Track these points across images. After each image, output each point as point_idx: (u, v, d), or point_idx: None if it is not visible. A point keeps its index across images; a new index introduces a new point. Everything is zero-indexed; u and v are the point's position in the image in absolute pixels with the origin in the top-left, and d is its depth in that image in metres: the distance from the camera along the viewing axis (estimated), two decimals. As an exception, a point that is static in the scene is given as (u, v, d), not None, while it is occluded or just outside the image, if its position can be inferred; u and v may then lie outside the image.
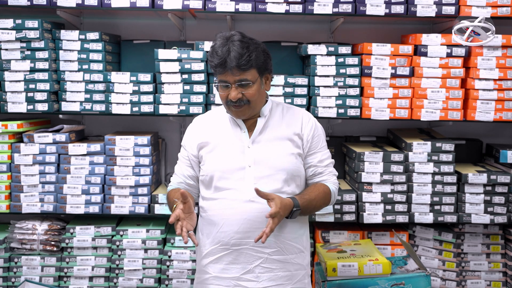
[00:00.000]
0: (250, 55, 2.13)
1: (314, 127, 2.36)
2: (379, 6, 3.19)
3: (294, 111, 2.38)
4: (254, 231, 2.17)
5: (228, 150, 2.25)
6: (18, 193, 3.27)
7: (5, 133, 3.25)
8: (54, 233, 3.32)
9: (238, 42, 2.13)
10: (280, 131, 2.29)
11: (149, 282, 3.31)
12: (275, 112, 2.34)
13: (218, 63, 2.13)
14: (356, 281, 2.73)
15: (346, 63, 3.22)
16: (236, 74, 2.14)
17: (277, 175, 2.23)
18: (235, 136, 2.28)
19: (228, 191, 2.23)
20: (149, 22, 3.66)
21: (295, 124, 2.32)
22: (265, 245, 2.18)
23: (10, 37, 3.15)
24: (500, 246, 3.39)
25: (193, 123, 2.42)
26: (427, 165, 3.24)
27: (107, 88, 3.23)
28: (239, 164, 2.22)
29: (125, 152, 3.26)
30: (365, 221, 3.23)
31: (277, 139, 2.27)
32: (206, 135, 2.31)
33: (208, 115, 2.45)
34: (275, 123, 2.30)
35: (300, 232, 2.32)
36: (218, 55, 2.13)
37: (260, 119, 2.29)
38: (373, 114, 3.24)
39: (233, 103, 2.18)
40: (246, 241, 2.20)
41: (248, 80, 2.16)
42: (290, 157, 2.26)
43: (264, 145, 2.25)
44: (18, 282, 3.26)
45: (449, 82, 3.23)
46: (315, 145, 2.35)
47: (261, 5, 3.18)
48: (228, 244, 2.21)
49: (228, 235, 2.21)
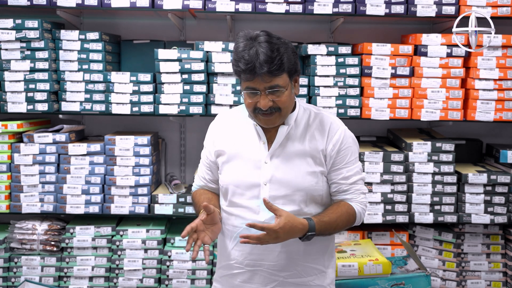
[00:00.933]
0: (281, 58, 1.87)
1: (341, 141, 2.04)
2: (379, 6, 3.19)
3: (322, 120, 2.06)
4: (268, 254, 2.00)
5: (244, 164, 2.02)
6: (18, 193, 3.27)
7: (5, 133, 3.25)
8: (54, 233, 3.31)
9: (265, 44, 1.87)
10: (302, 145, 2.01)
11: (149, 282, 3.31)
12: (301, 120, 2.04)
13: (246, 68, 1.86)
14: (356, 281, 2.73)
15: (346, 63, 3.22)
16: (266, 80, 1.87)
17: (294, 195, 1.99)
18: (252, 147, 2.02)
19: (242, 209, 2.02)
20: (149, 22, 3.66)
21: (319, 138, 2.03)
22: (281, 268, 2.02)
23: (10, 37, 3.15)
24: (500, 246, 3.39)
25: (215, 123, 2.16)
26: (427, 165, 3.24)
27: (107, 88, 3.23)
28: (254, 180, 1.99)
29: (125, 152, 3.25)
30: (365, 221, 3.23)
31: (298, 155, 2.00)
32: (224, 141, 2.07)
33: (231, 115, 2.15)
34: (298, 134, 2.02)
35: (321, 253, 2.09)
36: (245, 59, 1.86)
37: (282, 128, 2.00)
38: (373, 114, 3.24)
39: (263, 111, 1.93)
40: (260, 263, 2.02)
41: (281, 86, 1.90)
42: (310, 177, 2.00)
43: (283, 161, 2.00)
44: (18, 282, 3.26)
45: (449, 82, 3.23)
46: (340, 160, 2.04)
47: (261, 5, 3.18)
48: (242, 264, 2.05)
49: (242, 254, 2.04)
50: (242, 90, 1.96)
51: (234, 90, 3.21)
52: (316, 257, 2.06)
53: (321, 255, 2.08)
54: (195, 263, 3.29)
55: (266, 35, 1.91)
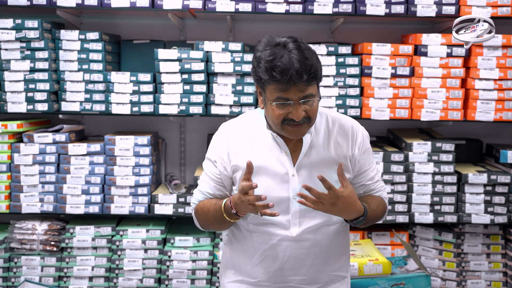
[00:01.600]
0: (315, 66, 1.77)
1: (363, 142, 1.98)
2: (379, 6, 3.19)
3: (342, 124, 1.98)
4: (299, 269, 1.92)
5: (269, 178, 1.89)
6: (18, 193, 3.27)
7: (5, 133, 3.25)
8: (54, 233, 3.31)
9: (297, 51, 1.75)
10: (328, 153, 1.92)
11: (149, 282, 3.30)
12: (320, 125, 1.94)
13: (282, 78, 1.72)
14: (356, 281, 2.73)
15: (346, 63, 3.22)
16: (302, 89, 1.75)
17: None
18: (275, 159, 1.89)
19: (269, 226, 1.91)
20: (149, 22, 3.66)
21: (344, 143, 1.94)
22: (312, 281, 1.95)
23: (10, 37, 3.15)
24: (500, 246, 3.38)
25: (225, 135, 1.98)
26: (427, 165, 3.24)
27: (107, 88, 3.23)
28: (282, 195, 1.88)
29: (125, 152, 3.25)
30: (365, 221, 3.23)
31: (325, 163, 1.90)
32: (241, 155, 1.91)
33: (241, 125, 1.98)
34: (320, 142, 1.92)
35: (343, 259, 2.05)
36: (280, 68, 1.72)
37: (305, 137, 1.89)
38: (373, 114, 3.24)
39: (295, 122, 1.80)
40: (290, 278, 1.94)
41: (313, 95, 1.79)
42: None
43: (310, 172, 1.89)
44: (18, 282, 3.26)
45: (449, 82, 3.23)
46: (364, 162, 1.98)
47: (261, 5, 3.18)
48: (270, 281, 1.95)
49: (269, 271, 1.94)
50: (269, 101, 1.80)
51: (234, 90, 3.21)
52: (341, 264, 2.03)
53: (344, 261, 2.05)
54: (195, 263, 3.29)
55: (294, 41, 1.79)
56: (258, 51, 1.81)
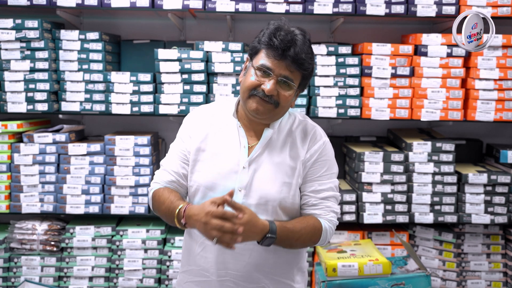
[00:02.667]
0: (311, 57, 1.84)
1: (320, 152, 1.94)
2: (379, 6, 3.19)
3: (306, 128, 1.98)
4: (235, 263, 1.89)
5: (221, 166, 1.89)
6: (18, 193, 3.27)
7: (5, 133, 3.25)
8: (54, 233, 3.31)
9: (301, 37, 1.82)
10: (283, 154, 1.91)
11: (149, 282, 3.30)
12: (284, 126, 1.96)
13: (279, 45, 1.78)
14: (356, 281, 2.73)
15: (346, 63, 3.22)
16: (289, 67, 1.80)
17: (266, 205, 1.87)
18: (232, 149, 1.91)
19: None
20: (149, 22, 3.66)
21: (300, 146, 1.94)
22: (248, 280, 1.90)
23: (10, 37, 3.15)
24: (500, 246, 3.38)
25: (196, 116, 2.01)
26: (427, 165, 3.24)
27: (107, 88, 3.23)
28: (229, 185, 1.86)
29: (125, 152, 3.25)
30: (365, 221, 3.23)
31: (277, 163, 1.90)
32: (204, 138, 1.94)
33: (213, 110, 2.01)
34: (279, 142, 1.93)
35: (291, 267, 1.98)
36: (282, 35, 1.79)
37: (266, 132, 1.91)
38: (373, 114, 3.24)
39: (263, 94, 1.82)
40: (226, 272, 1.90)
41: (293, 82, 1.83)
42: (286, 188, 1.89)
43: (261, 168, 1.89)
44: (18, 282, 3.25)
45: (449, 82, 3.23)
46: (314, 171, 1.93)
47: (261, 5, 3.18)
48: (209, 272, 1.93)
49: (209, 262, 1.92)
50: (252, 66, 1.84)
51: (234, 90, 3.21)
52: (285, 271, 1.95)
53: (290, 269, 1.97)
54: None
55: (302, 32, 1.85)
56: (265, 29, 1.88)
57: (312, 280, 3.31)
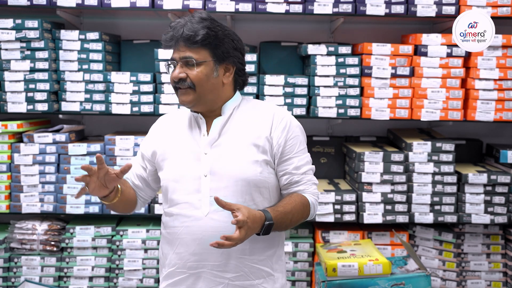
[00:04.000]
0: (206, 32, 1.84)
1: (288, 128, 1.95)
2: (379, 6, 3.19)
3: (265, 109, 1.99)
4: (211, 253, 1.86)
5: (183, 157, 1.93)
6: (18, 193, 3.27)
7: (5, 133, 3.25)
8: (54, 233, 3.31)
9: (197, 19, 1.86)
10: (244, 133, 1.92)
11: (149, 282, 3.31)
12: (242, 110, 1.98)
13: (168, 36, 1.87)
14: (356, 281, 2.73)
15: (346, 63, 3.22)
16: (182, 49, 1.86)
17: (236, 186, 1.87)
18: (192, 140, 1.94)
19: (182, 205, 1.91)
20: (149, 22, 3.66)
21: (263, 124, 1.94)
22: (226, 269, 1.88)
23: (10, 37, 3.15)
24: (500, 246, 3.38)
25: (157, 123, 2.11)
26: (427, 165, 3.24)
27: (107, 88, 3.23)
28: (194, 173, 1.89)
29: (125, 152, 3.26)
30: (365, 221, 3.23)
31: (240, 143, 1.91)
32: (164, 138, 2.00)
33: (173, 114, 2.10)
34: (239, 123, 1.94)
35: (268, 253, 1.96)
36: (171, 27, 1.88)
37: (218, 118, 1.94)
38: (373, 114, 3.24)
39: (176, 83, 1.88)
40: (203, 263, 1.88)
41: (193, 58, 1.85)
42: (253, 166, 1.89)
43: (224, 151, 1.90)
44: (18, 282, 3.26)
45: (449, 82, 3.23)
46: (289, 149, 1.94)
47: (261, 5, 3.18)
48: (185, 267, 1.91)
49: (183, 257, 1.91)
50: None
51: (234, 90, 3.21)
52: (262, 258, 1.94)
53: (268, 256, 1.96)
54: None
55: (205, 13, 1.90)
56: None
57: (312, 280, 3.31)
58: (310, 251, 3.33)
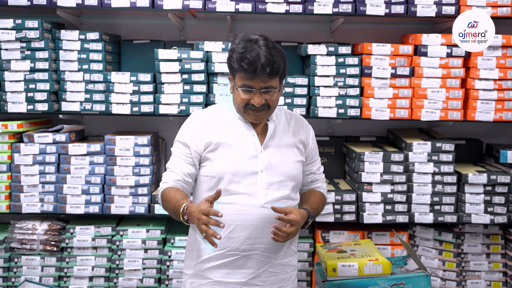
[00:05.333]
0: (278, 62, 2.10)
1: (313, 133, 2.42)
2: (379, 6, 3.19)
3: (297, 118, 2.40)
4: (264, 237, 2.18)
5: (241, 153, 2.20)
6: (18, 193, 3.27)
7: (5, 133, 3.25)
8: (54, 233, 3.32)
9: (265, 48, 2.09)
10: (288, 137, 2.29)
11: (149, 282, 3.31)
12: (280, 117, 2.33)
13: (249, 68, 2.06)
14: (356, 281, 2.73)
15: (346, 63, 3.22)
16: (264, 81, 2.10)
17: (287, 181, 2.23)
18: (247, 139, 2.22)
19: (239, 196, 2.17)
20: (149, 22, 3.66)
21: (300, 131, 2.34)
22: (274, 250, 2.22)
23: (10, 37, 3.15)
24: (500, 246, 3.39)
25: (195, 119, 2.30)
26: (427, 165, 3.24)
27: (107, 88, 3.23)
28: (252, 168, 2.19)
29: (125, 152, 3.26)
30: (365, 221, 3.23)
31: (286, 145, 2.27)
32: (214, 133, 2.22)
33: (211, 112, 2.32)
34: (282, 129, 2.30)
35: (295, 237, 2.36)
36: (248, 60, 2.06)
37: (270, 123, 2.26)
38: (373, 114, 3.24)
39: (255, 107, 2.14)
40: (256, 246, 2.19)
41: (274, 88, 2.14)
42: (297, 165, 2.29)
43: (275, 151, 2.24)
44: (18, 282, 3.26)
45: (449, 82, 3.23)
46: (314, 153, 2.41)
47: (261, 5, 3.18)
48: (238, 250, 2.18)
49: (238, 240, 2.17)
50: (236, 87, 2.15)
51: (234, 90, 3.21)
52: (294, 238, 2.29)
53: (295, 238, 2.34)
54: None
55: (265, 39, 2.13)
56: (233, 44, 2.16)
57: (312, 280, 3.31)
58: (310, 251, 3.33)
